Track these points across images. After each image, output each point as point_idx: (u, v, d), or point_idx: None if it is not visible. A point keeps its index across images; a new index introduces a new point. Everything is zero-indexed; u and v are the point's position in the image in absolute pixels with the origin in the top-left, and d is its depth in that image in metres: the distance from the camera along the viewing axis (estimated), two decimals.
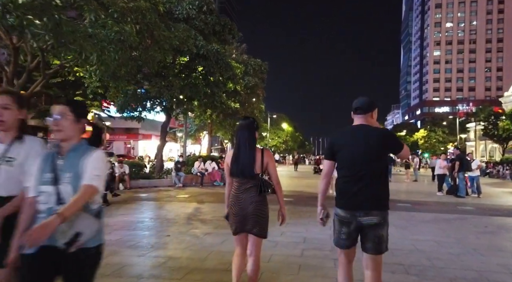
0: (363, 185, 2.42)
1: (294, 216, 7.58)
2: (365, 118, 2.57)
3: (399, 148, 2.54)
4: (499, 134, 40.06)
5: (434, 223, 7.21)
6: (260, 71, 21.32)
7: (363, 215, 2.40)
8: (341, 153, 2.53)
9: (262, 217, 2.83)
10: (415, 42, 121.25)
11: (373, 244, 2.43)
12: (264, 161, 2.84)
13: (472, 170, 12.46)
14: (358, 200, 2.41)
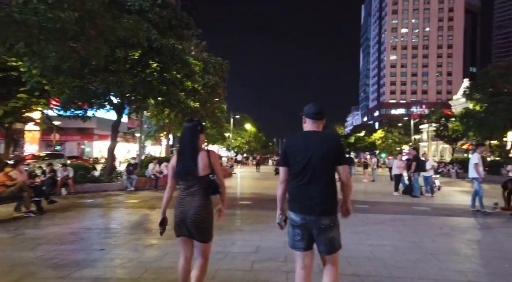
0: (315, 191, 2.49)
1: (250, 221, 7.15)
2: (320, 124, 2.66)
3: (345, 162, 2.61)
4: (449, 135, 42.39)
5: (391, 225, 7.08)
6: (221, 70, 20.73)
7: (314, 220, 2.47)
8: (295, 158, 2.56)
9: (203, 222, 2.77)
10: (374, 46, 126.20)
11: (326, 247, 2.52)
12: (210, 163, 2.82)
13: (426, 170, 12.75)
14: (310, 204, 2.48)
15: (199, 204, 2.76)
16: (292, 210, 2.57)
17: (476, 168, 8.83)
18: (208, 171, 2.81)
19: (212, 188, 2.83)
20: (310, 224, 2.50)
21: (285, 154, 2.64)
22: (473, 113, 28.53)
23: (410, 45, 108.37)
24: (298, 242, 2.56)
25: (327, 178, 2.54)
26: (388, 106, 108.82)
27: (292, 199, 2.58)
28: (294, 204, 2.56)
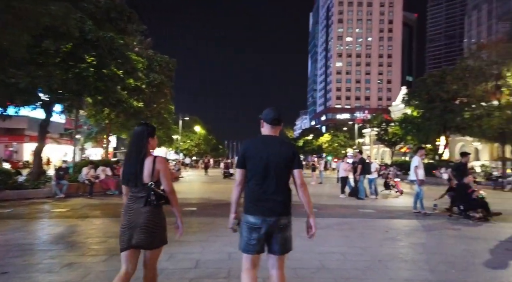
0: (274, 192, 2.59)
1: (192, 230, 6.54)
2: (277, 130, 2.77)
3: (298, 166, 2.70)
4: (389, 139, 45.01)
5: (339, 229, 6.91)
6: (167, 68, 19.75)
7: (274, 220, 2.55)
8: (253, 161, 2.62)
9: (154, 228, 2.67)
10: (321, 53, 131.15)
11: (281, 246, 2.60)
12: (155, 169, 2.71)
13: (371, 173, 13.05)
14: (269, 206, 2.56)
15: (149, 210, 2.66)
16: (250, 213, 2.59)
17: (415, 171, 9.07)
18: (154, 178, 2.72)
19: (147, 198, 2.67)
20: (270, 225, 2.55)
21: (243, 156, 2.67)
22: (411, 118, 30.43)
23: (354, 53, 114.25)
24: (252, 246, 2.58)
25: (284, 180, 2.65)
26: (334, 111, 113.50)
27: (251, 201, 2.60)
28: (253, 207, 2.59)
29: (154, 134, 2.88)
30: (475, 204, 8.26)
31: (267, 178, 2.60)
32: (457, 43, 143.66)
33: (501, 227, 7.48)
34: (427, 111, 27.37)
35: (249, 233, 2.59)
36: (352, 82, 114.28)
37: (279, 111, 2.80)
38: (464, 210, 8.40)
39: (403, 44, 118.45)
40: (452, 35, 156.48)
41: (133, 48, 17.70)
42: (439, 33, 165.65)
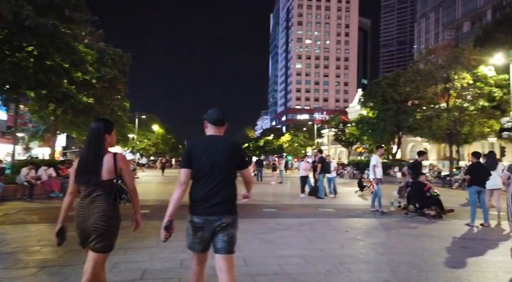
0: (219, 192, 2.59)
1: (141, 235, 5.96)
2: (221, 130, 2.78)
3: (246, 166, 2.78)
4: (346, 139, 46.43)
5: (299, 230, 6.68)
6: (121, 63, 18.60)
7: (217, 220, 2.56)
8: (199, 161, 2.62)
9: (106, 230, 2.58)
10: (281, 54, 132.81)
11: (225, 244, 2.57)
12: (117, 167, 2.68)
13: (330, 172, 13.10)
14: (213, 206, 2.57)
15: (101, 209, 2.58)
16: (195, 213, 2.60)
17: (374, 170, 9.13)
18: (113, 176, 2.65)
19: (115, 194, 2.63)
20: (214, 225, 2.57)
21: (188, 156, 2.66)
22: (367, 119, 31.47)
23: (313, 55, 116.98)
24: (197, 244, 2.61)
25: (229, 180, 2.66)
26: (294, 111, 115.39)
27: (196, 201, 2.61)
28: (197, 207, 2.59)
29: (112, 131, 2.78)
30: (430, 201, 8.44)
31: (212, 177, 2.61)
32: (408, 49, 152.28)
33: (454, 224, 7.67)
34: (382, 113, 28.42)
35: (194, 232, 2.60)
36: (311, 83, 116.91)
37: (222, 111, 2.80)
38: (419, 207, 8.57)
39: (359, 48, 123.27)
40: (403, 41, 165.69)
41: (83, 39, 16.45)
42: (391, 39, 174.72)
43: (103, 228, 2.56)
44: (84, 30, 16.11)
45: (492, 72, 19.39)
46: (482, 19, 73.31)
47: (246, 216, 8.27)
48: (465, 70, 19.33)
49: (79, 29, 14.50)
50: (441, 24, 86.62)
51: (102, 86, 17.78)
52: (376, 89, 29.64)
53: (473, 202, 7.52)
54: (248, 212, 9.07)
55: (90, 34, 17.83)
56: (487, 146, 40.51)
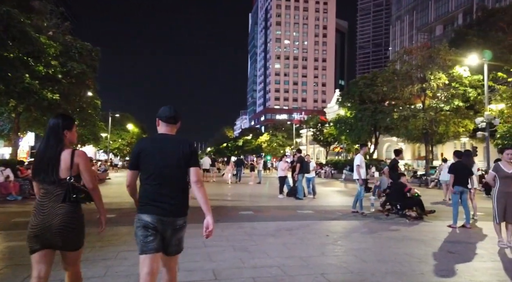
0: (170, 193, 2.53)
1: (100, 244, 5.31)
2: (173, 128, 2.72)
3: (197, 164, 2.67)
4: (324, 139, 46.59)
5: (277, 236, 6.19)
6: (90, 57, 17.55)
7: (171, 221, 2.51)
8: (148, 160, 2.55)
9: (72, 229, 2.49)
10: (260, 54, 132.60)
11: (174, 247, 2.58)
12: (74, 163, 2.55)
13: (309, 172, 12.73)
14: (165, 207, 2.50)
15: (65, 210, 2.48)
16: (146, 212, 2.51)
17: (357, 170, 8.80)
18: (72, 173, 2.55)
19: (66, 193, 2.49)
20: (165, 225, 2.51)
21: (137, 156, 2.59)
22: (345, 119, 31.54)
23: (292, 55, 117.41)
24: (149, 244, 2.48)
25: (181, 180, 2.60)
26: (273, 111, 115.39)
27: (146, 201, 2.53)
28: (148, 206, 2.52)
29: (72, 127, 2.68)
30: (411, 202, 8.18)
31: (163, 178, 2.53)
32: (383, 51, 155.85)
33: (436, 226, 7.42)
34: (359, 112, 28.51)
35: (144, 231, 2.49)
36: (290, 84, 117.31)
37: (175, 109, 2.75)
38: (400, 209, 8.29)
39: (336, 49, 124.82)
40: (379, 44, 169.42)
41: (47, 31, 15.36)
42: (367, 41, 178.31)
43: (70, 228, 2.48)
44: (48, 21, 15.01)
45: (467, 73, 19.70)
46: (453, 23, 75.82)
47: (222, 219, 7.73)
48: (440, 70, 19.55)
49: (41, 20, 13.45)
50: (415, 27, 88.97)
51: (69, 82, 16.70)
52: (353, 89, 29.72)
53: (456, 203, 7.29)
54: (224, 215, 8.53)
55: (56, 26, 16.72)
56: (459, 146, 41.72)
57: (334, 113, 43.82)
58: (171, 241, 2.54)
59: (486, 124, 17.76)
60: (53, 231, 2.42)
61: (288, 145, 60.20)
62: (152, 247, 2.47)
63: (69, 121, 2.67)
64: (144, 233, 2.48)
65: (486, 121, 17.66)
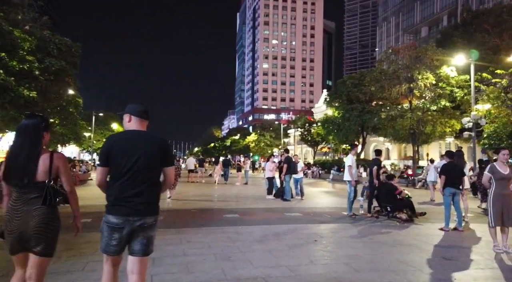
0: (140, 191, 2.45)
1: (67, 254, 4.82)
2: (145, 124, 2.64)
3: (171, 163, 2.61)
4: (312, 139, 46.50)
5: (262, 241, 5.81)
6: (69, 53, 16.81)
7: (138, 220, 2.43)
8: (118, 158, 2.46)
9: (48, 232, 2.47)
10: (248, 54, 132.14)
11: (143, 246, 2.48)
12: (53, 166, 2.54)
13: (297, 173, 12.40)
14: (134, 206, 2.43)
15: (42, 212, 2.44)
16: (112, 213, 2.44)
17: (349, 171, 8.50)
18: (52, 176, 2.51)
19: (46, 196, 2.44)
20: (133, 225, 2.43)
21: (107, 153, 2.49)
22: (332, 119, 31.43)
23: (280, 55, 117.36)
24: (113, 246, 2.45)
25: (152, 179, 2.51)
26: (261, 111, 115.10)
27: (114, 201, 2.45)
28: (116, 207, 2.44)
29: (49, 129, 2.68)
30: (401, 204, 7.92)
31: (133, 176, 2.45)
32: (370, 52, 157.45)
33: (428, 229, 7.17)
34: (347, 112, 28.42)
35: (110, 233, 2.45)
36: (278, 84, 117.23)
37: (144, 106, 2.71)
38: (391, 211, 8.02)
39: (324, 50, 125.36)
40: (365, 45, 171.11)
41: (24, 25, 14.62)
42: (354, 42, 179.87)
43: (46, 231, 2.45)
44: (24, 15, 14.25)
45: (454, 73, 19.74)
46: (438, 25, 76.98)
47: (205, 224, 7.32)
48: (428, 70, 19.53)
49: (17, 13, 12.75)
50: (401, 28, 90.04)
51: (47, 79, 15.94)
52: (341, 89, 29.61)
53: (447, 205, 7.05)
54: (208, 218, 8.12)
55: (33, 20, 15.95)
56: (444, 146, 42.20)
57: (322, 113, 43.78)
58: (139, 240, 2.46)
59: (473, 125, 17.79)
60: (31, 232, 2.41)
61: (276, 145, 59.98)
62: (114, 250, 2.46)
63: (47, 122, 2.66)
64: (109, 235, 2.45)
65: (473, 122, 17.69)
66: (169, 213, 9.01)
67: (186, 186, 17.46)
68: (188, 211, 9.30)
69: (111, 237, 2.43)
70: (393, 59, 22.66)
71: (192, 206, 10.22)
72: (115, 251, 2.47)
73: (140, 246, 2.47)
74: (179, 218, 8.19)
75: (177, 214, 8.87)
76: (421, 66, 19.55)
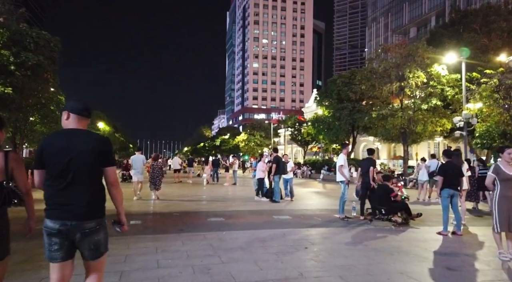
0: (78, 193, 2.32)
1: (24, 267, 4.19)
2: (86, 122, 2.51)
3: (110, 163, 2.46)
4: (302, 139, 46.15)
5: (247, 250, 5.27)
6: (48, 48, 15.99)
7: (76, 224, 2.30)
8: (54, 159, 2.33)
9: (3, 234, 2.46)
10: (238, 53, 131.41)
11: (91, 251, 2.38)
12: (9, 167, 2.48)
13: (287, 173, 11.88)
14: (71, 209, 2.30)
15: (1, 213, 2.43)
16: (49, 217, 2.33)
17: (341, 170, 8.02)
18: (3, 177, 2.45)
19: (5, 198, 2.43)
20: (71, 230, 2.30)
21: (41, 154, 2.37)
22: (323, 118, 31.05)
23: (270, 55, 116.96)
24: (55, 252, 2.32)
25: (92, 179, 2.37)
26: (251, 111, 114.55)
27: (51, 204, 2.34)
28: (52, 210, 2.33)
29: (3, 127, 2.61)
30: (396, 206, 7.47)
31: (70, 177, 2.30)
32: (359, 53, 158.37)
33: (425, 233, 6.73)
34: (337, 112, 28.06)
35: (49, 239, 2.32)
36: (268, 83, 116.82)
37: (87, 103, 2.54)
38: (385, 213, 7.57)
39: (314, 50, 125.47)
40: (355, 45, 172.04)
41: None
42: (343, 43, 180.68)
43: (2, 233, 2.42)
44: None
45: (445, 71, 19.51)
46: (426, 25, 77.63)
47: (185, 229, 6.74)
48: (419, 68, 19.25)
49: None
50: (390, 29, 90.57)
51: (24, 74, 15.14)
52: (332, 87, 29.24)
53: (446, 207, 6.62)
54: (189, 222, 7.54)
55: (9, 13, 15.08)
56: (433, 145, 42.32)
57: (312, 113, 43.44)
58: (83, 245, 2.34)
59: (464, 124, 17.56)
60: None
61: (266, 145, 59.52)
62: (57, 256, 2.33)
63: (1, 120, 2.59)
64: (48, 241, 2.33)
65: (464, 121, 17.47)
66: (148, 216, 8.40)
67: (171, 187, 16.82)
68: (169, 214, 8.69)
69: (51, 243, 2.32)
70: (383, 58, 22.35)
71: (174, 209, 9.61)
72: (59, 257, 2.32)
73: (88, 252, 2.36)
74: (158, 223, 7.59)
75: (156, 218, 8.26)
76: (412, 65, 19.25)
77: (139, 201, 11.40)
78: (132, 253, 4.88)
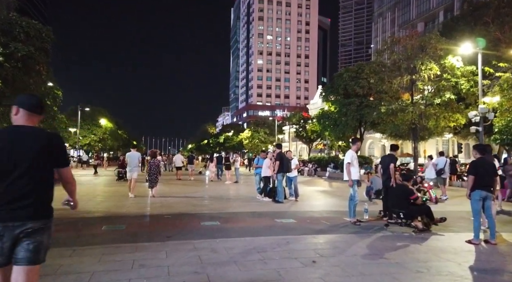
0: (22, 194, 2.18)
1: None
2: (37, 119, 2.37)
3: (64, 163, 2.34)
4: (307, 136, 45.18)
5: (243, 264, 4.35)
6: (39, 38, 15.17)
7: (18, 225, 2.16)
8: None
9: None
10: (242, 50, 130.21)
11: (29, 253, 2.16)
12: None
13: (291, 171, 10.95)
14: (13, 209, 2.16)
15: None
16: None
17: (347, 168, 7.07)
18: None
19: None
20: (13, 231, 2.14)
21: None
22: (329, 114, 30.02)
23: (274, 51, 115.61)
24: None
25: (39, 179, 2.23)
26: (255, 108, 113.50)
27: None
28: None
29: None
30: (417, 210, 6.51)
31: (14, 176, 2.16)
32: (365, 49, 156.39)
33: (452, 240, 5.77)
34: (344, 107, 27.03)
35: None
36: (273, 80, 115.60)
37: (40, 99, 2.43)
38: (404, 217, 6.61)
39: (319, 46, 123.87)
40: (360, 42, 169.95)
41: None
42: (349, 39, 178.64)
43: None
44: None
45: (460, 63, 18.39)
46: (434, 20, 76.02)
47: (173, 236, 5.84)
48: (432, 60, 18.16)
49: None
50: (397, 24, 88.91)
51: (14, 66, 14.35)
52: (338, 82, 28.18)
53: (477, 212, 5.66)
54: (180, 227, 6.64)
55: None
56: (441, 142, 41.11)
57: (317, 110, 42.41)
58: (24, 244, 2.15)
59: (480, 118, 16.49)
60: None
61: (270, 142, 58.60)
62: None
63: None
64: None
65: (480, 115, 16.39)
66: (135, 219, 7.51)
67: (171, 185, 15.97)
68: (159, 217, 7.80)
69: None
70: (393, 50, 21.25)
71: (166, 210, 8.72)
72: (1, 261, 2.16)
73: (25, 253, 2.15)
74: (144, 227, 6.71)
75: (144, 221, 7.38)
76: (425, 56, 18.15)
77: (131, 200, 10.59)
78: (100, 270, 3.99)
